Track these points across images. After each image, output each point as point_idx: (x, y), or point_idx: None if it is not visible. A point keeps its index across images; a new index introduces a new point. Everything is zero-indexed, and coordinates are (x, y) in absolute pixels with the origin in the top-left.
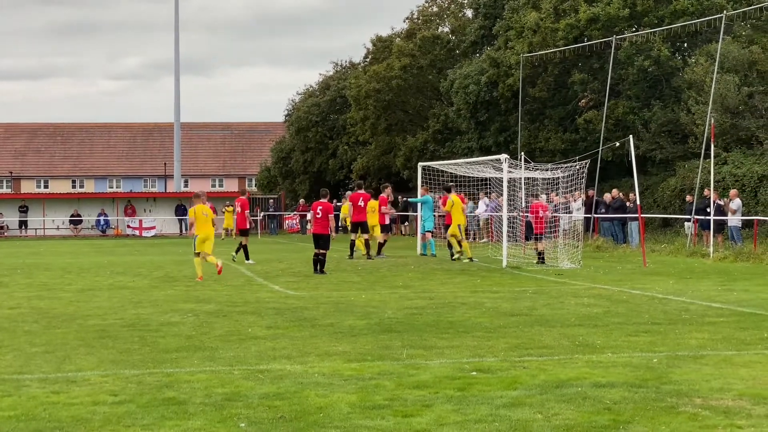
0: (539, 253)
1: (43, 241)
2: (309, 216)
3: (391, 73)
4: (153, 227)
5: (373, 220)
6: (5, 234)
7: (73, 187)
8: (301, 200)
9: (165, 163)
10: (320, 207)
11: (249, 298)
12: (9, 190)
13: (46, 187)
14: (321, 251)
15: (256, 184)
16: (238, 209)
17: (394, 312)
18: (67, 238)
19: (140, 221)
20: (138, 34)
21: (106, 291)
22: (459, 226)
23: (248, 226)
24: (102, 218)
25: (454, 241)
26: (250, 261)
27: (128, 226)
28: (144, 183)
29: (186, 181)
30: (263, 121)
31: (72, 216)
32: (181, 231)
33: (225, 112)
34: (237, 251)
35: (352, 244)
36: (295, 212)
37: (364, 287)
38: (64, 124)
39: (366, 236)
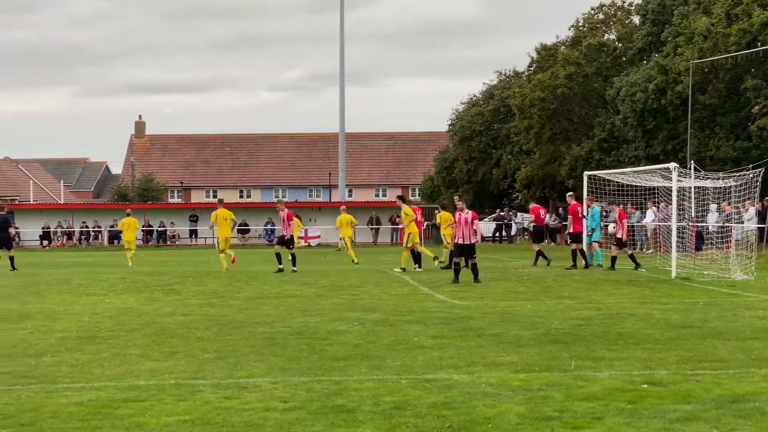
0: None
1: (213, 249)
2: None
3: (556, 81)
4: (318, 236)
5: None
6: (176, 243)
7: (241, 196)
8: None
9: (329, 173)
10: (465, 217)
11: (414, 307)
12: (180, 200)
13: (215, 196)
14: (470, 259)
15: (419, 194)
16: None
17: (561, 322)
18: (235, 247)
19: (306, 231)
20: (300, 45)
21: (274, 299)
22: (410, 235)
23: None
24: (269, 227)
25: (406, 254)
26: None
27: (299, 237)
28: (309, 193)
29: (350, 191)
30: (427, 130)
31: (240, 225)
32: None
33: (388, 122)
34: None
35: (538, 254)
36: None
37: (530, 297)
38: (232, 135)
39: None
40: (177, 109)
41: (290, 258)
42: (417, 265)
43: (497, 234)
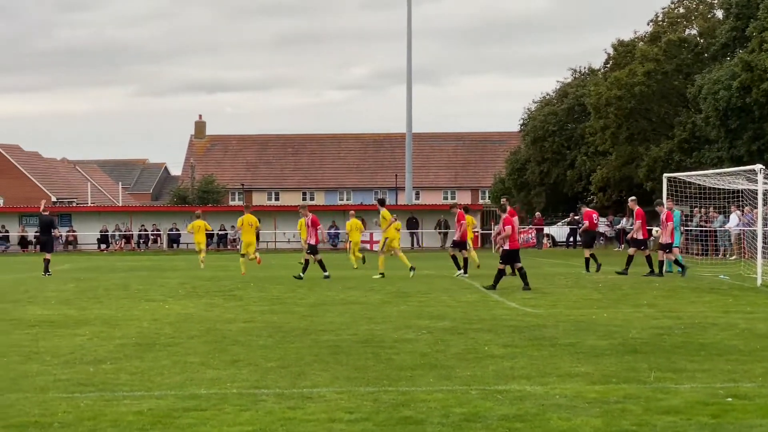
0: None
1: (275, 254)
2: (505, 231)
3: (634, 79)
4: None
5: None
6: (238, 247)
7: (303, 199)
8: (537, 213)
9: (396, 175)
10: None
11: (484, 315)
12: (241, 202)
13: (276, 199)
14: (518, 265)
15: (489, 197)
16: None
17: (639, 332)
18: (298, 251)
19: (371, 234)
20: (365, 42)
21: (339, 306)
22: (386, 239)
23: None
24: (333, 231)
25: (383, 259)
26: (327, 274)
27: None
28: (375, 195)
29: (417, 193)
30: (497, 130)
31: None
32: (412, 245)
33: (456, 122)
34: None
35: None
36: (530, 226)
37: (606, 305)
38: (294, 135)
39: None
40: (238, 109)
41: (303, 261)
42: (462, 271)
43: (571, 239)
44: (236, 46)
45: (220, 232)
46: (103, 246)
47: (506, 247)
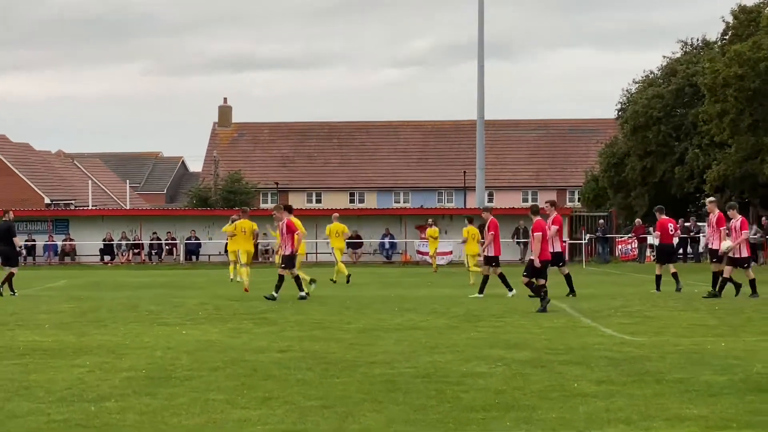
0: None
1: (318, 269)
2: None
3: (759, 53)
4: (449, 252)
5: None
6: (270, 258)
7: (351, 201)
8: (637, 220)
9: (464, 172)
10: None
11: (573, 343)
12: (274, 205)
13: (318, 201)
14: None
15: (579, 198)
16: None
17: (765, 366)
18: (345, 264)
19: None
20: (426, 10)
21: (394, 332)
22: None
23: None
24: (387, 240)
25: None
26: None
27: (418, 252)
28: (438, 196)
29: (491, 194)
30: (588, 117)
31: (350, 238)
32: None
33: (539, 107)
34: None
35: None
36: (631, 234)
37: (724, 333)
38: (340, 123)
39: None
40: (271, 91)
41: (278, 279)
42: (508, 289)
43: (680, 250)
44: (270, 15)
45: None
46: (106, 258)
47: (532, 257)
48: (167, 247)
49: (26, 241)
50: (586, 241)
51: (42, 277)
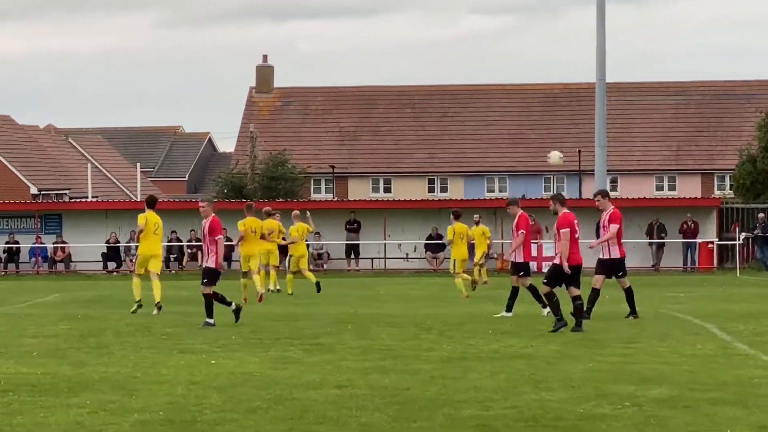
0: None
1: (382, 277)
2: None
3: None
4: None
5: None
6: (324, 266)
7: (431, 189)
8: None
9: (579, 151)
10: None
11: (725, 376)
12: (330, 196)
13: (387, 190)
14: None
15: (731, 185)
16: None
17: None
18: (422, 272)
19: (539, 247)
20: None
21: (488, 361)
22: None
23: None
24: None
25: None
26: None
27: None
28: (545, 183)
29: (614, 180)
30: (742, 78)
31: (429, 238)
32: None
33: (676, 66)
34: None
35: None
36: None
37: None
38: (414, 88)
39: None
40: (323, 46)
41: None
42: (542, 305)
43: None
44: None
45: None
46: (111, 265)
47: (557, 261)
48: (190, 250)
49: (6, 243)
50: (741, 241)
51: (28, 290)
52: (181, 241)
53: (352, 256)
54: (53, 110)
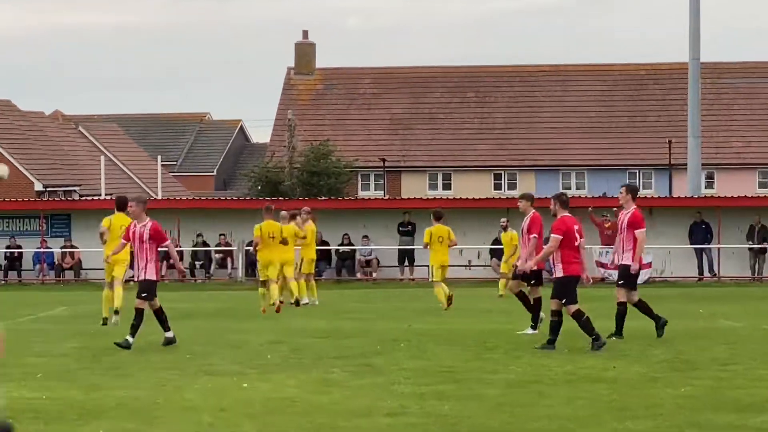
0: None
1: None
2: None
3: None
4: (648, 265)
5: None
6: (374, 274)
7: (497, 186)
8: None
9: (669, 141)
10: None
11: None
12: (381, 194)
13: (447, 186)
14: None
15: None
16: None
17: None
18: (487, 282)
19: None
20: None
21: (563, 386)
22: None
23: None
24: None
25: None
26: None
27: (598, 264)
28: (630, 178)
29: (710, 175)
30: None
31: (495, 242)
32: (701, 271)
33: None
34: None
35: None
36: None
37: None
38: (478, 68)
39: None
40: (372, 21)
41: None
42: (532, 325)
43: None
44: None
45: (342, 248)
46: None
47: (557, 272)
48: (219, 256)
49: (6, 247)
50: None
51: (32, 302)
52: (208, 246)
53: (406, 263)
54: (60, 95)
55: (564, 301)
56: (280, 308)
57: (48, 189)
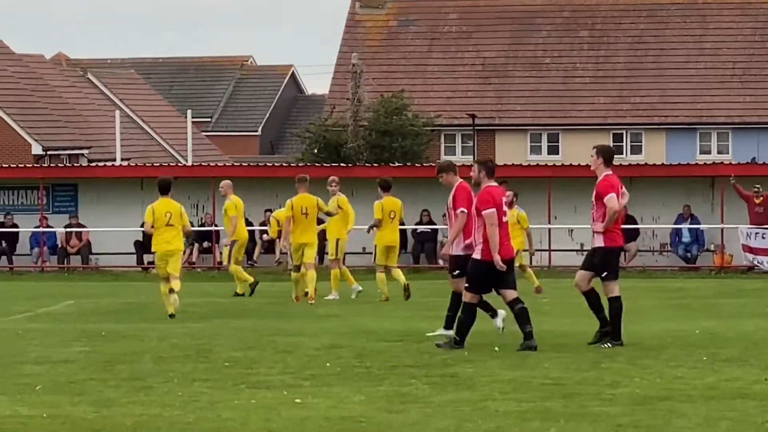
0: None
1: (546, 278)
2: None
3: None
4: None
5: None
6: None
7: (617, 150)
8: None
9: None
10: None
11: None
12: (470, 158)
13: (552, 150)
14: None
15: None
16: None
17: None
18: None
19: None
20: None
21: (702, 402)
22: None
23: None
24: (686, 226)
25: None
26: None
27: (744, 248)
28: None
29: None
30: None
31: (626, 221)
32: None
33: None
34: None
35: None
36: None
37: None
38: (590, 0)
39: None
40: None
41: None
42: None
43: None
44: None
45: (421, 228)
46: (147, 258)
47: (475, 254)
48: (265, 237)
49: None
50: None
51: (29, 294)
52: (252, 225)
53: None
54: (65, 34)
55: (467, 286)
56: (313, 298)
57: (49, 152)
